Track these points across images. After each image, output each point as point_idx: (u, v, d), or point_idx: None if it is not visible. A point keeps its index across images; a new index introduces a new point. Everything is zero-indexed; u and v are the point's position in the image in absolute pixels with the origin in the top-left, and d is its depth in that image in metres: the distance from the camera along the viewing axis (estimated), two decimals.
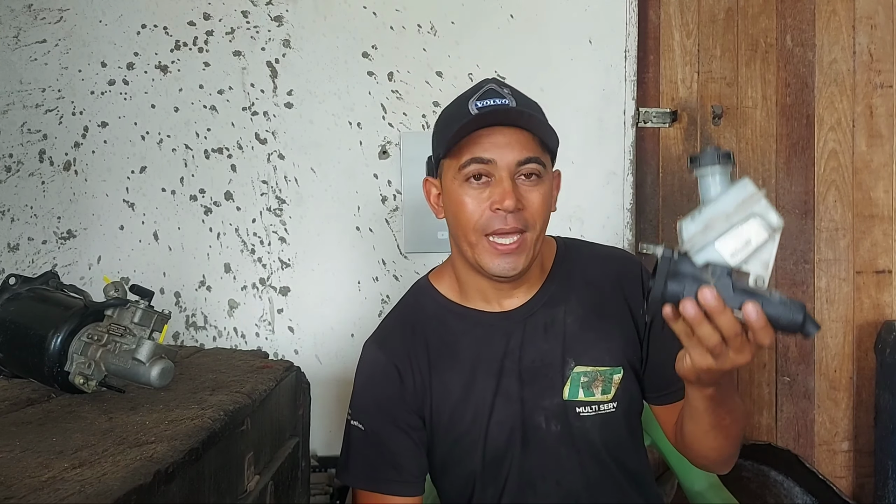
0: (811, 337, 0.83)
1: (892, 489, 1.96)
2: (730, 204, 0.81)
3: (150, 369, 0.99)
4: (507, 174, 1.05)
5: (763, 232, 0.81)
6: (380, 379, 1.16)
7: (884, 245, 2.14)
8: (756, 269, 0.82)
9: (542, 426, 1.13)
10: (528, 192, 1.07)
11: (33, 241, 2.08)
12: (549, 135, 1.08)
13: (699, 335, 0.82)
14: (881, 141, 2.13)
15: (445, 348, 1.16)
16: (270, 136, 2.07)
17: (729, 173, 0.83)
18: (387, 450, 1.14)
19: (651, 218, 2.17)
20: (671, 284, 0.81)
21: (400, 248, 2.08)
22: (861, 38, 2.13)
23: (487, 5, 2.04)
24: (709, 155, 0.83)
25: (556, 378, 1.13)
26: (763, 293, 0.81)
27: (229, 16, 2.06)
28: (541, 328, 1.15)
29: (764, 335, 0.80)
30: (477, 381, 1.15)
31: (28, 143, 2.08)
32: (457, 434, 1.15)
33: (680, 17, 2.15)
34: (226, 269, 2.09)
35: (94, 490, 0.68)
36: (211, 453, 0.89)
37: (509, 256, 1.06)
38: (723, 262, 0.81)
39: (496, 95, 1.08)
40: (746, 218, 0.81)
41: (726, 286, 0.80)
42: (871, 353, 2.10)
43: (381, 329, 1.23)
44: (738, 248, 0.81)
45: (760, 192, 0.81)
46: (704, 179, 0.83)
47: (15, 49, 2.07)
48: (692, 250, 0.82)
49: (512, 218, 1.05)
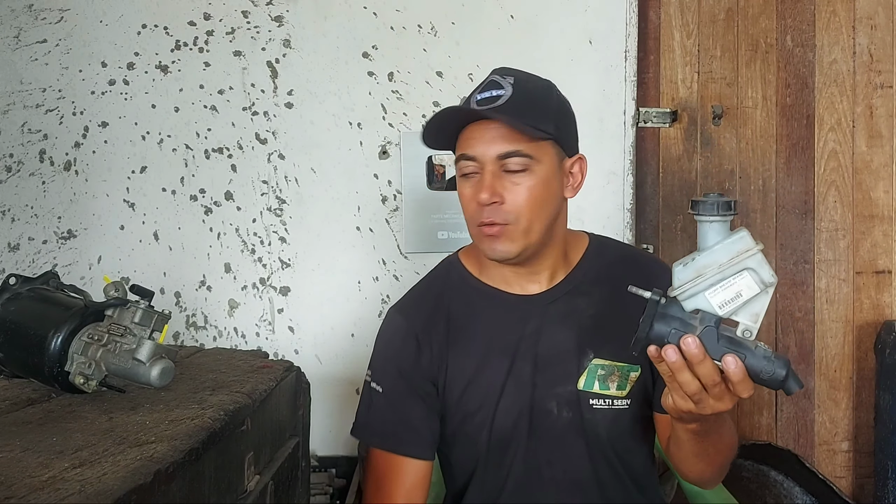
0: (792, 394, 0.84)
1: (892, 489, 1.96)
2: (724, 255, 0.81)
3: (150, 369, 0.99)
4: (490, 168, 1.08)
5: (755, 287, 0.81)
6: (399, 345, 1.19)
7: (884, 245, 2.14)
8: (745, 321, 0.82)
9: (554, 412, 1.14)
10: (513, 185, 1.08)
11: (34, 240, 2.08)
12: (537, 125, 1.07)
13: (679, 381, 0.83)
14: (881, 141, 2.13)
15: (465, 323, 1.18)
16: (271, 136, 2.07)
17: (728, 223, 0.83)
18: (402, 412, 1.17)
19: (651, 218, 2.17)
20: (657, 326, 0.82)
21: (400, 248, 2.08)
22: (861, 39, 2.13)
23: (488, 6, 2.04)
24: (709, 205, 0.82)
25: (571, 367, 1.14)
26: (748, 345, 0.82)
27: (230, 16, 2.06)
28: (561, 316, 1.16)
29: (742, 388, 0.81)
30: (491, 359, 1.16)
31: (28, 143, 2.08)
32: (467, 409, 1.16)
33: (680, 17, 2.15)
34: (226, 269, 2.09)
35: (94, 490, 0.68)
36: (211, 453, 0.89)
37: (496, 240, 1.09)
38: (711, 311, 0.82)
39: (495, 86, 1.10)
40: (739, 271, 0.81)
41: (711, 335, 0.81)
42: (871, 353, 2.10)
43: (406, 297, 1.26)
44: (728, 300, 0.81)
45: (757, 247, 0.81)
46: (702, 226, 0.83)
47: (15, 49, 2.07)
48: (682, 296, 0.83)
49: (490, 211, 1.07)
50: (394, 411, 1.18)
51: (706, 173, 2.16)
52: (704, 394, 0.83)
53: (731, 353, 0.80)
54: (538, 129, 1.07)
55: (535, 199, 1.09)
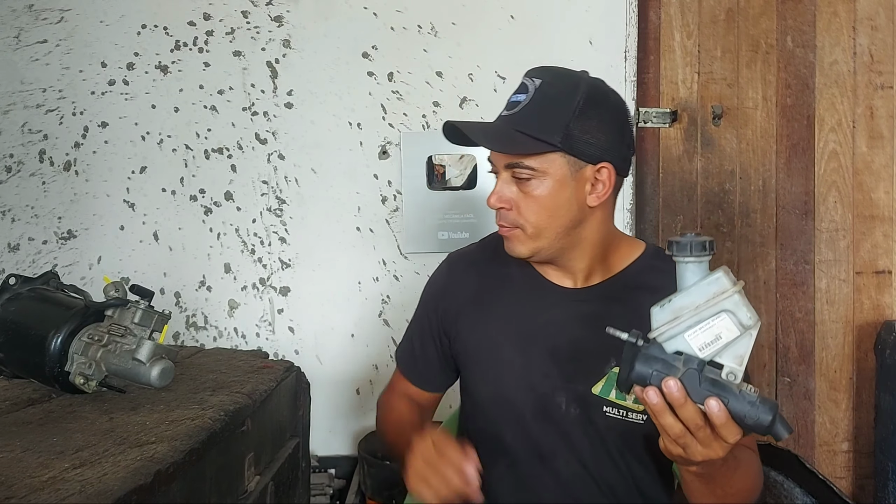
0: (781, 440, 0.81)
1: (892, 490, 1.96)
2: (700, 296, 0.79)
3: (150, 369, 0.99)
4: (503, 175, 1.12)
5: (734, 329, 0.79)
6: (434, 288, 1.28)
7: (884, 246, 2.14)
8: (729, 363, 0.80)
9: (562, 407, 1.14)
10: (521, 193, 1.10)
11: (34, 241, 2.08)
12: (543, 134, 1.06)
13: (662, 424, 0.82)
14: (882, 142, 2.13)
15: (496, 290, 1.22)
16: (271, 137, 2.07)
17: (706, 262, 0.81)
18: (419, 345, 1.28)
19: (651, 218, 2.17)
20: (639, 367, 0.81)
21: (400, 249, 2.08)
22: (861, 40, 2.13)
23: (488, 6, 2.04)
24: (684, 245, 0.80)
25: (590, 368, 1.14)
26: (732, 389, 0.79)
27: (229, 16, 2.06)
28: (590, 316, 1.15)
29: (727, 432, 0.80)
30: (507, 335, 1.18)
31: (29, 144, 2.08)
32: (473, 375, 1.21)
33: (680, 17, 2.15)
34: (226, 269, 2.09)
35: (94, 490, 0.68)
36: (211, 454, 0.89)
37: (509, 241, 1.13)
38: (692, 353, 0.80)
39: (522, 90, 1.12)
40: (717, 313, 0.79)
41: (693, 378, 0.79)
42: (871, 353, 2.10)
43: (463, 249, 1.33)
44: (708, 342, 0.79)
45: (733, 289, 0.78)
46: (679, 266, 0.82)
47: (16, 49, 2.07)
48: (660, 338, 0.81)
49: (500, 215, 1.12)
50: (411, 342, 1.29)
51: (706, 173, 2.16)
52: (690, 437, 0.82)
53: (714, 397, 0.78)
54: (536, 142, 1.06)
55: (543, 207, 1.09)
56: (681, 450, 0.84)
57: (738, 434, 0.80)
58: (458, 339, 1.23)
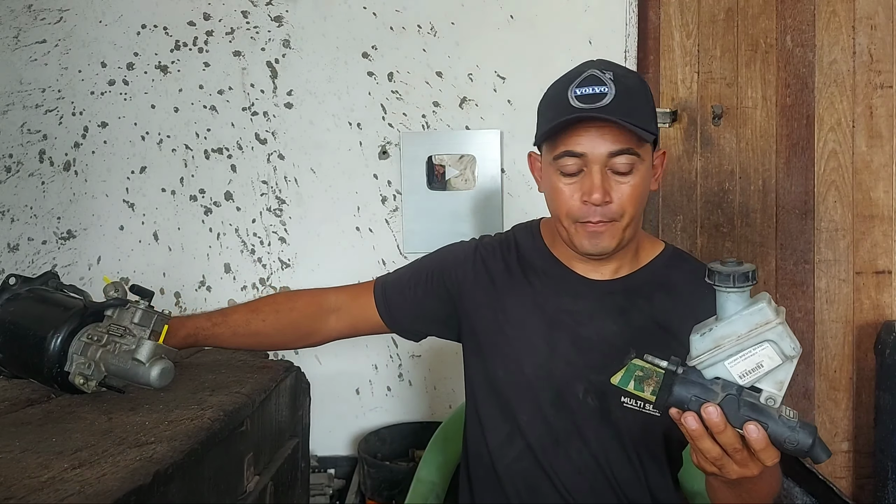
0: (820, 463, 0.81)
1: (892, 490, 1.96)
2: (742, 327, 0.79)
3: (149, 370, 0.99)
4: (599, 167, 1.07)
5: (776, 358, 0.78)
6: (453, 257, 1.26)
7: (884, 246, 2.14)
8: (769, 388, 0.79)
9: (579, 396, 1.14)
10: (619, 184, 1.09)
11: (33, 241, 2.08)
12: (648, 123, 1.09)
13: (700, 448, 0.82)
14: (881, 141, 2.13)
15: (521, 279, 1.21)
16: (270, 137, 2.07)
17: (747, 292, 0.80)
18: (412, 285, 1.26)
19: (651, 218, 2.17)
20: (679, 391, 0.81)
21: (400, 249, 2.08)
22: (861, 39, 2.12)
23: (487, 6, 2.04)
24: (726, 276, 0.79)
25: (612, 361, 1.13)
26: (772, 413, 0.79)
27: (229, 16, 2.06)
28: (614, 309, 1.16)
29: (766, 456, 0.80)
30: (532, 320, 1.17)
31: (28, 144, 2.08)
32: (492, 356, 1.19)
33: (680, 17, 2.15)
34: (226, 269, 2.09)
35: (93, 490, 0.68)
36: (211, 454, 0.89)
37: (601, 236, 1.10)
38: (731, 380, 0.80)
39: (596, 83, 1.09)
40: (759, 343, 0.78)
41: (732, 403, 0.79)
42: (870, 353, 2.10)
43: (489, 238, 1.30)
44: (749, 370, 0.79)
45: (777, 319, 0.78)
46: (720, 296, 0.81)
47: (15, 49, 2.07)
48: (700, 366, 0.81)
49: (599, 211, 1.08)
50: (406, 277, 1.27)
51: (706, 173, 2.16)
52: (727, 459, 0.82)
53: (753, 422, 0.78)
54: (646, 131, 1.08)
55: (639, 196, 1.10)
56: (716, 469, 0.84)
57: (776, 457, 0.80)
58: (469, 318, 1.22)
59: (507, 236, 1.29)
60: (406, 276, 1.28)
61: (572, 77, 1.12)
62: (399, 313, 1.26)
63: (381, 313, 1.26)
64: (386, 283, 1.28)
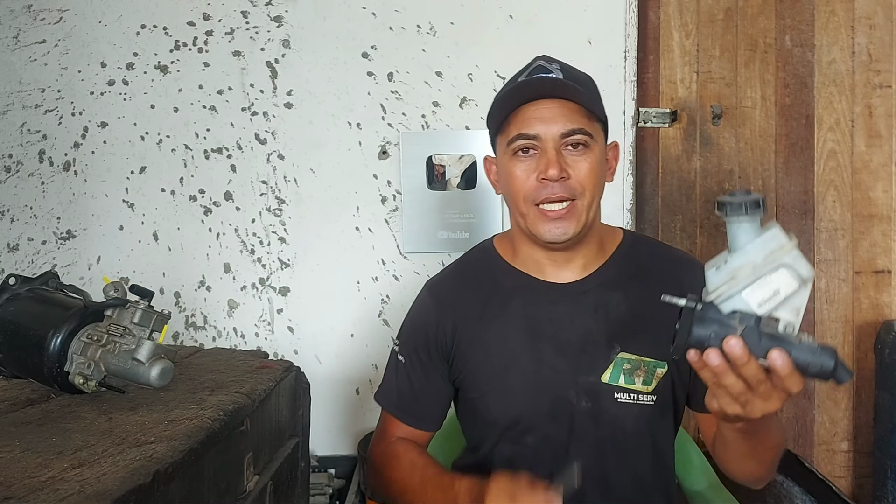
0: (844, 384, 0.81)
1: (891, 489, 1.96)
2: (758, 254, 0.79)
3: (149, 369, 0.99)
4: (552, 145, 1.09)
5: (793, 282, 0.78)
6: (422, 321, 1.24)
7: (883, 245, 2.14)
8: (786, 316, 0.79)
9: (573, 402, 1.14)
10: (575, 161, 1.10)
11: (33, 241, 2.08)
12: (595, 105, 1.11)
13: (724, 384, 0.81)
14: (880, 141, 2.13)
15: (493, 305, 1.20)
16: (270, 137, 2.07)
17: (758, 221, 0.80)
18: (417, 386, 1.23)
19: (651, 218, 2.17)
20: (697, 330, 0.80)
21: (399, 249, 2.08)
22: (860, 39, 2.13)
23: (487, 6, 2.04)
24: (737, 205, 0.79)
25: (598, 359, 1.14)
26: (792, 340, 0.79)
27: (229, 16, 2.06)
28: (591, 307, 1.16)
29: (791, 383, 0.79)
30: (513, 338, 1.17)
31: (28, 144, 2.08)
32: (483, 386, 1.18)
33: (679, 17, 2.15)
34: (225, 269, 2.09)
35: (93, 490, 0.68)
36: (210, 453, 0.89)
37: (560, 221, 1.10)
38: (750, 311, 0.79)
39: (543, 70, 1.13)
40: (775, 268, 0.78)
41: (753, 334, 0.78)
42: (870, 353, 2.10)
43: (438, 275, 1.30)
44: (766, 298, 0.79)
45: (791, 243, 0.78)
46: (732, 227, 0.80)
47: (15, 49, 2.07)
48: (718, 300, 0.80)
49: (558, 186, 1.09)
50: (409, 384, 1.24)
51: (705, 173, 2.16)
52: (750, 395, 0.81)
53: (777, 348, 0.77)
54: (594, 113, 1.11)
55: (596, 174, 1.11)
56: (739, 408, 0.83)
57: (801, 383, 0.80)
58: (458, 360, 1.20)
59: (462, 266, 1.27)
60: (404, 380, 1.24)
61: (520, 72, 1.16)
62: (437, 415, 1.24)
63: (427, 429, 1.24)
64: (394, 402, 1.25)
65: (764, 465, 1.06)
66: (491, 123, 1.18)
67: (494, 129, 1.17)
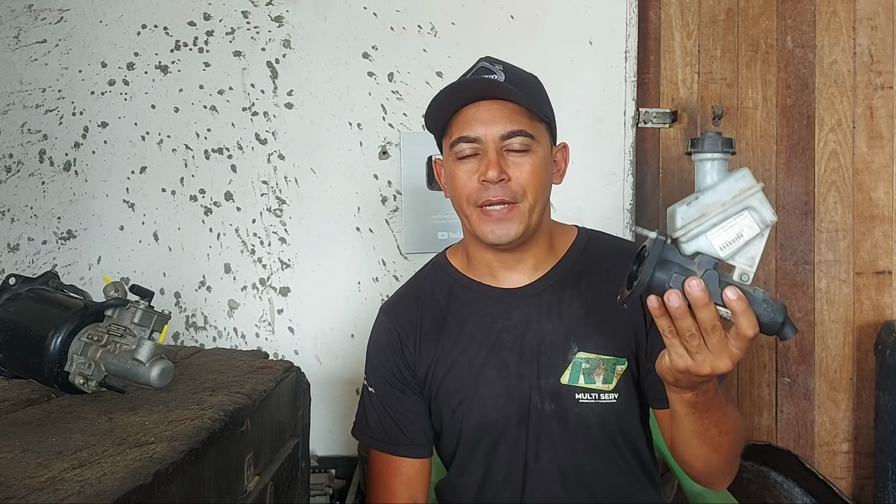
0: (787, 340, 0.82)
1: (892, 490, 1.96)
2: (727, 193, 0.80)
3: (150, 370, 0.99)
4: (493, 147, 1.09)
5: (755, 226, 0.80)
6: (385, 345, 1.23)
7: (884, 246, 2.14)
8: (742, 264, 0.81)
9: (538, 406, 1.14)
10: (516, 163, 1.09)
11: (33, 241, 2.08)
12: (535, 105, 1.10)
13: (679, 327, 0.81)
14: (881, 142, 2.13)
15: (449, 317, 1.20)
16: (270, 137, 2.07)
17: (727, 161, 0.82)
18: (394, 412, 1.21)
19: (651, 218, 2.17)
20: (658, 275, 0.80)
21: (400, 249, 2.08)
22: (861, 40, 2.13)
23: (488, 6, 2.04)
24: (710, 141, 0.81)
25: (557, 360, 1.14)
26: (747, 289, 0.80)
27: (229, 16, 2.06)
28: (545, 308, 1.16)
29: (746, 323, 0.79)
30: (471, 349, 1.17)
31: (28, 144, 2.08)
32: (452, 401, 1.18)
33: (680, 17, 2.15)
34: (226, 269, 2.09)
35: (93, 490, 0.68)
36: (211, 454, 0.89)
37: (502, 222, 1.09)
38: (712, 253, 0.80)
39: (486, 72, 1.11)
40: (741, 210, 0.80)
41: (713, 278, 0.79)
42: (871, 354, 2.10)
43: (392, 297, 1.29)
44: (729, 241, 0.80)
45: (758, 186, 0.80)
46: (703, 165, 0.82)
47: (15, 49, 2.07)
48: (684, 237, 0.81)
49: (499, 189, 1.08)
50: (385, 412, 1.21)
51: None
52: (702, 343, 0.81)
53: (731, 286, 0.78)
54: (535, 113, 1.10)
55: (539, 176, 1.11)
56: (689, 359, 0.83)
57: (756, 326, 0.80)
58: (427, 379, 1.20)
59: (416, 285, 1.26)
60: (381, 411, 1.21)
61: (465, 73, 1.15)
62: (417, 436, 1.21)
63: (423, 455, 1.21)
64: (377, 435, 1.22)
65: (720, 454, 1.02)
66: (432, 125, 1.16)
67: (438, 131, 1.16)
